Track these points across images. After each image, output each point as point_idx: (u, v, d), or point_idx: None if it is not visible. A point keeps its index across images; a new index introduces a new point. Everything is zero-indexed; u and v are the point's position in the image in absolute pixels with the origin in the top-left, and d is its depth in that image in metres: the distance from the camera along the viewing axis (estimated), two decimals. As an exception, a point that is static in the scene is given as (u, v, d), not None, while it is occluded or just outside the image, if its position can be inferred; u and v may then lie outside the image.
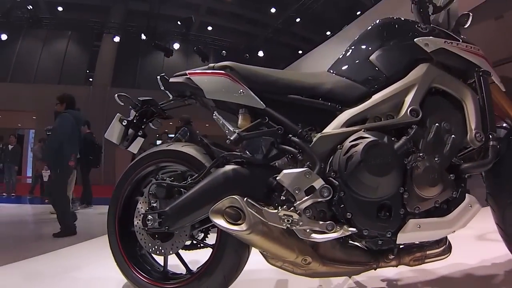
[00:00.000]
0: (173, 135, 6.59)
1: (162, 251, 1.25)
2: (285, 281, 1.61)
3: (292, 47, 14.02)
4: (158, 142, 6.78)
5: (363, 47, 1.32)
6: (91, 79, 13.99)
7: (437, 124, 1.16)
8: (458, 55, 1.25)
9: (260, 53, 12.76)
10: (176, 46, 12.58)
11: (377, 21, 1.37)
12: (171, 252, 1.26)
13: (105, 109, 10.55)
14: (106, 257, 1.41)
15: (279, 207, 1.07)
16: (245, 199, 1.05)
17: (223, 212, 1.04)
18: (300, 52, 12.17)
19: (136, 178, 1.37)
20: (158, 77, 1.33)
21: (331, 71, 1.29)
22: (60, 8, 12.57)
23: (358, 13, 9.47)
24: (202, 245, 1.34)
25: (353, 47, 1.35)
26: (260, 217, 1.02)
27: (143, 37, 11.69)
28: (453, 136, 1.16)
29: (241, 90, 1.18)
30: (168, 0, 11.75)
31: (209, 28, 13.54)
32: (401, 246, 1.20)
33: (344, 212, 1.09)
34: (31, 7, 11.13)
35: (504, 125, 1.47)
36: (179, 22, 10.54)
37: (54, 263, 2.08)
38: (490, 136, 1.19)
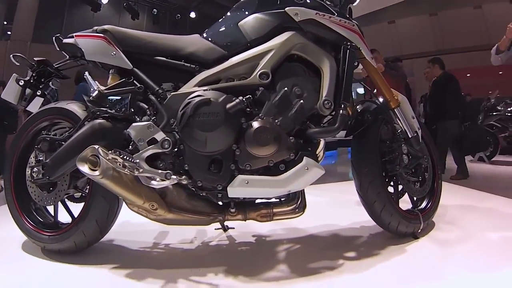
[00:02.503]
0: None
1: (48, 201, 1.43)
2: (167, 232, 1.77)
3: (229, 9, 13.52)
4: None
5: (237, 13, 1.36)
6: (9, 33, 12.26)
7: (285, 89, 1.21)
8: (329, 28, 1.30)
9: (192, 14, 12.34)
10: (105, 0, 11.59)
11: None
12: (55, 201, 1.43)
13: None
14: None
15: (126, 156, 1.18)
16: (98, 147, 1.13)
17: (87, 159, 1.13)
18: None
19: (31, 133, 1.48)
20: (54, 37, 1.40)
21: (203, 35, 1.35)
22: None
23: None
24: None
25: (229, 14, 1.39)
26: (111, 164, 1.11)
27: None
28: (301, 101, 1.21)
29: (114, 52, 1.27)
30: None
31: (146, -18, 12.48)
32: (240, 200, 1.28)
33: (182, 163, 1.20)
34: None
35: (377, 100, 1.57)
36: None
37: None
38: (342, 106, 1.24)
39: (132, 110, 1.29)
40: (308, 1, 1.35)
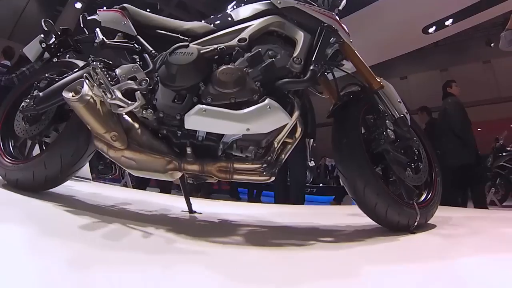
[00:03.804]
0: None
1: (26, 132, 1.49)
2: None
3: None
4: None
5: (232, 6, 1.53)
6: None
7: (259, 49, 1.27)
8: (308, 14, 1.39)
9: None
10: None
11: None
12: (33, 133, 1.48)
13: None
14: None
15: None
16: (86, 76, 1.18)
17: (74, 89, 1.19)
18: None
19: (39, 77, 1.55)
20: (80, 15, 1.54)
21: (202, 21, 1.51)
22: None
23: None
24: None
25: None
26: (92, 91, 1.18)
27: (104, 11, 11.24)
28: (273, 59, 1.25)
29: (124, 22, 1.46)
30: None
31: (175, 21, 13.30)
32: (200, 144, 1.24)
33: (152, 99, 1.26)
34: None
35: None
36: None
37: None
38: (314, 64, 1.25)
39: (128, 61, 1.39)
40: None
